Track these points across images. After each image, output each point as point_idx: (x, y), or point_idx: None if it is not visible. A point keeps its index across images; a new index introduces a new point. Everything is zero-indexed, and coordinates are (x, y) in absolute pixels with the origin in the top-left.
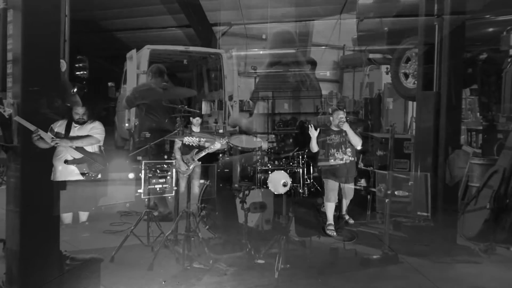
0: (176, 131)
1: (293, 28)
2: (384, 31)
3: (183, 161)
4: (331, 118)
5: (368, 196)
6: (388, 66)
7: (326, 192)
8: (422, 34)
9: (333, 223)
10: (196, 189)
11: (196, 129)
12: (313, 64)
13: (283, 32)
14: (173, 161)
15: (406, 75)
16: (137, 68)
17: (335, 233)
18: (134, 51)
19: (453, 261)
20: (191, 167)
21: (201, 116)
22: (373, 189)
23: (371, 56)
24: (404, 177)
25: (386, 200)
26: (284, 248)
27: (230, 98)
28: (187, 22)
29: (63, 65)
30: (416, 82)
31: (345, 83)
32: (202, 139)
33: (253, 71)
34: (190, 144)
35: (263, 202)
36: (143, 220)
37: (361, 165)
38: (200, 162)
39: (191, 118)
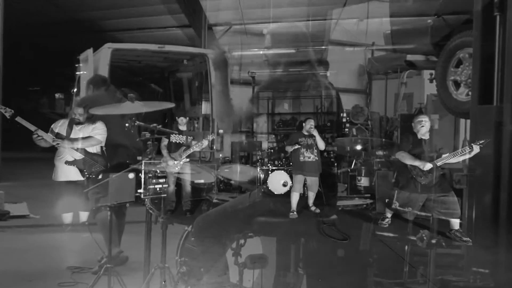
0: (146, 159)
1: (301, 28)
2: (428, 24)
3: (170, 157)
4: (304, 124)
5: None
6: (433, 71)
7: (294, 184)
8: (478, 29)
9: (295, 209)
10: (188, 188)
11: (182, 128)
12: (324, 64)
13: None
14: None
15: (457, 84)
16: (94, 72)
17: (296, 216)
18: (90, 51)
19: None
20: (179, 164)
21: (185, 116)
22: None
23: (409, 57)
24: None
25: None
26: None
27: None
28: (187, 22)
29: None
30: (470, 93)
31: (374, 94)
32: (189, 137)
33: (251, 76)
34: (178, 142)
35: (263, 254)
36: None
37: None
38: (188, 160)
39: (176, 118)
